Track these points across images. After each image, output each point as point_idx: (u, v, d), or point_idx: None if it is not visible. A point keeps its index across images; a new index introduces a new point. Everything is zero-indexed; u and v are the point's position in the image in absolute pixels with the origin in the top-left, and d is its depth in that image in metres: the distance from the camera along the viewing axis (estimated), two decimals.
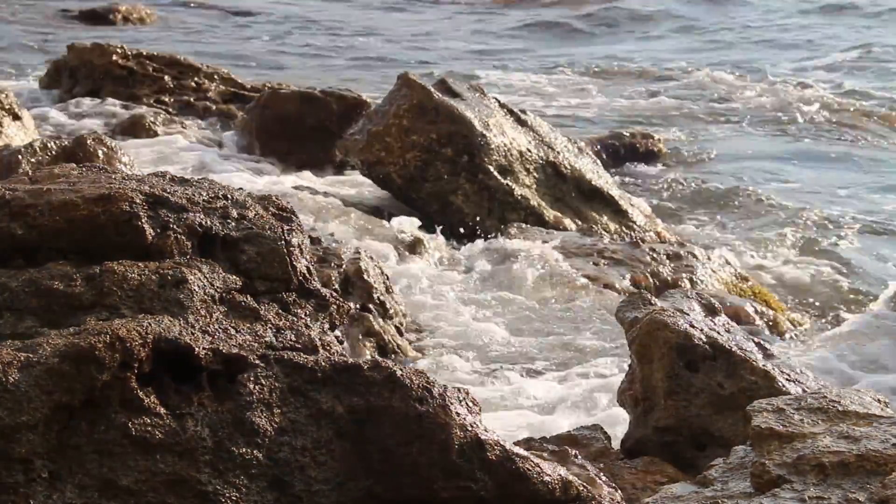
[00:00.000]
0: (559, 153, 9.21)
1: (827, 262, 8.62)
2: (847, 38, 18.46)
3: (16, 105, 8.84)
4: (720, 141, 12.17)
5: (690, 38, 19.48)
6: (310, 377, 3.42)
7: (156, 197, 3.76)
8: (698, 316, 5.03)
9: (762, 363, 4.88)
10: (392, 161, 8.75)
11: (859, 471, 3.23)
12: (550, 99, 14.47)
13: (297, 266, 3.85)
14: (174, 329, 3.37)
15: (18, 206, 3.66)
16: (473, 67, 16.14)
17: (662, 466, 4.53)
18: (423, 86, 8.90)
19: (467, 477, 3.40)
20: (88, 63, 12.15)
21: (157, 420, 3.24)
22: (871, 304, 7.62)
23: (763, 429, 3.45)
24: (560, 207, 8.89)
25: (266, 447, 3.31)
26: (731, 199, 10.25)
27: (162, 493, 3.20)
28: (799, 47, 18.16)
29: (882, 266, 8.68)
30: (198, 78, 12.55)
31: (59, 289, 3.50)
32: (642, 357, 4.84)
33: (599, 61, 17.17)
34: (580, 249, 7.92)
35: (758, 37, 19.46)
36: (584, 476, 3.63)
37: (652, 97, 14.76)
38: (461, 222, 8.59)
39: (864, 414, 3.51)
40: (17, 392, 3.10)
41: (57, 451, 3.15)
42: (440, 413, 3.41)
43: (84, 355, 3.17)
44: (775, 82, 15.60)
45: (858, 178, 11.22)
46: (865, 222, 9.71)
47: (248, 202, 3.93)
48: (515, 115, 9.36)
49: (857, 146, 12.36)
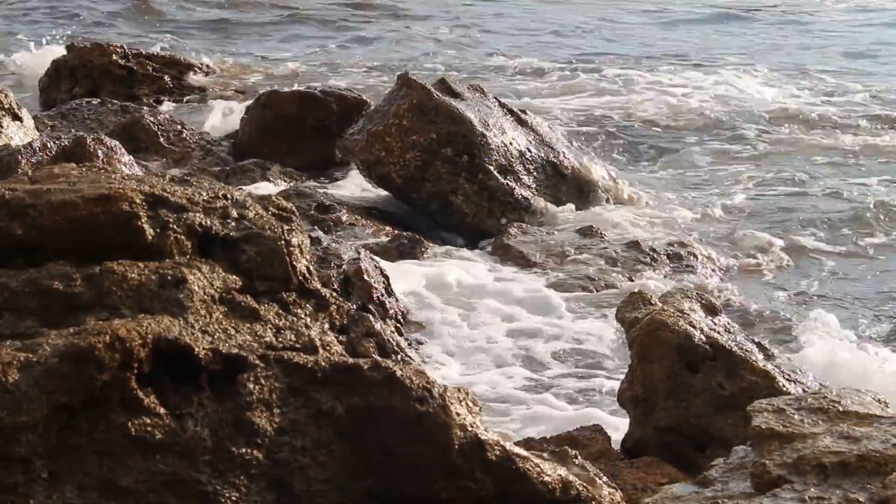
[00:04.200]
0: (559, 153, 9.21)
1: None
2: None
3: (15, 105, 8.83)
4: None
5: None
6: (310, 377, 3.42)
7: (156, 197, 3.76)
8: (698, 316, 5.04)
9: (762, 363, 4.88)
10: (392, 161, 8.74)
11: (860, 471, 3.23)
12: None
13: (297, 266, 3.85)
14: (174, 329, 3.37)
15: (18, 206, 3.66)
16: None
17: (662, 467, 4.53)
18: (423, 85, 8.90)
19: (467, 477, 3.40)
20: (88, 63, 12.15)
21: (157, 420, 3.24)
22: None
23: (763, 429, 3.45)
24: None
25: (266, 447, 3.31)
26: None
27: (162, 494, 3.19)
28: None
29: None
30: (198, 77, 12.56)
31: (59, 289, 3.50)
32: (643, 357, 4.84)
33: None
34: (580, 250, 7.92)
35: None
36: (584, 476, 3.63)
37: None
38: (461, 222, 8.59)
39: (864, 414, 3.51)
40: (17, 392, 3.10)
41: (57, 451, 3.14)
42: (440, 413, 3.41)
43: (84, 355, 3.17)
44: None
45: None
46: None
47: (248, 202, 3.93)
48: (515, 115, 9.36)
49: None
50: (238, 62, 14.54)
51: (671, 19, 18.92)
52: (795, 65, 15.46)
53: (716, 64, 15.31)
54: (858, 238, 8.90)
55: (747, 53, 16.33)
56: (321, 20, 17.85)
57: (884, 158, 11.13)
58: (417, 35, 17.09)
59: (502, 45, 16.62)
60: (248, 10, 18.42)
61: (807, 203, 9.69)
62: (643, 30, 18.04)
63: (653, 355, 4.80)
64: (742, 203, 9.66)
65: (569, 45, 16.80)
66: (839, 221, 9.19)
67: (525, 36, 17.45)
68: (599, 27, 18.13)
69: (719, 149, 11.39)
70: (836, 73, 14.98)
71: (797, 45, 17.21)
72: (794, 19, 19.31)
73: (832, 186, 10.19)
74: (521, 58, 15.42)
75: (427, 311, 6.93)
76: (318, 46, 16.20)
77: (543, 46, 16.57)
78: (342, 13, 18.23)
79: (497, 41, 16.89)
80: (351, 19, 17.90)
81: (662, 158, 11.09)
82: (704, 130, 11.95)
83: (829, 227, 9.06)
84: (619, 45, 16.74)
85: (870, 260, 8.54)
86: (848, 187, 10.16)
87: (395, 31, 17.22)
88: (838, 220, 9.23)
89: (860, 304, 7.66)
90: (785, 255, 8.41)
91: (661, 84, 13.82)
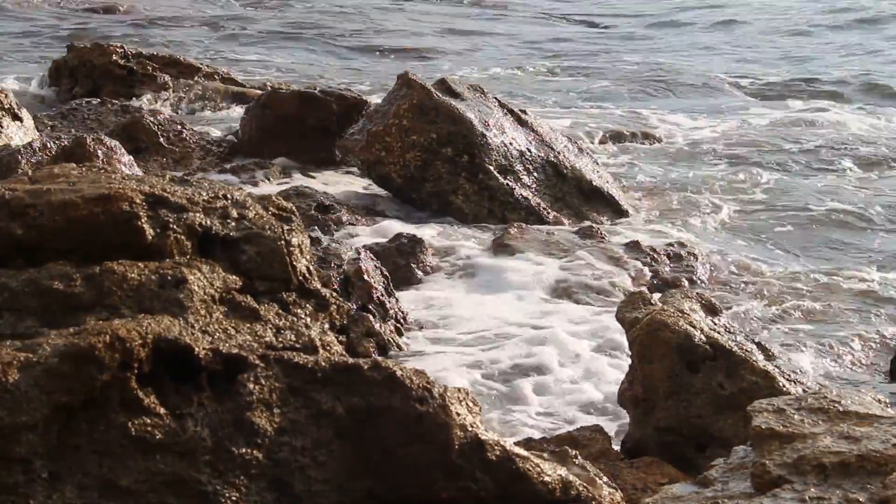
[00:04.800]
0: (559, 153, 9.21)
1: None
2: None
3: (15, 105, 8.84)
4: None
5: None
6: (310, 377, 3.42)
7: (156, 197, 3.76)
8: (699, 316, 5.04)
9: (763, 363, 4.88)
10: (392, 161, 8.75)
11: (860, 471, 3.23)
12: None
13: (297, 266, 3.85)
14: (174, 329, 3.37)
15: (18, 206, 3.66)
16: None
17: (663, 467, 4.53)
18: (423, 85, 8.91)
19: (467, 477, 3.40)
20: (88, 63, 12.15)
21: (157, 420, 3.23)
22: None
23: (763, 429, 3.45)
24: (560, 207, 8.89)
25: (266, 447, 3.31)
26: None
27: (162, 493, 3.19)
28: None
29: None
30: (198, 78, 12.56)
31: (59, 289, 3.50)
32: (643, 357, 4.84)
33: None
34: (580, 250, 7.92)
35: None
36: (584, 476, 3.63)
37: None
38: (461, 222, 8.59)
39: (864, 414, 3.51)
40: (17, 392, 3.10)
41: (57, 451, 3.14)
42: (440, 413, 3.41)
43: (84, 355, 3.17)
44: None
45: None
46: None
47: (248, 202, 3.93)
48: (515, 115, 9.36)
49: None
50: (240, 67, 14.59)
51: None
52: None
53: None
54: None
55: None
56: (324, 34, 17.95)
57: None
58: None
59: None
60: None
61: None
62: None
63: (653, 355, 4.80)
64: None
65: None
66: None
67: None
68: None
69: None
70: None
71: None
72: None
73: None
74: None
75: (428, 310, 6.93)
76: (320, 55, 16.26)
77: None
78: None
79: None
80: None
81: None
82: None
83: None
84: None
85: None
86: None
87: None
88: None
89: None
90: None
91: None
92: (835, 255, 8.69)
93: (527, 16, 22.61)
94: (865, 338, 6.89)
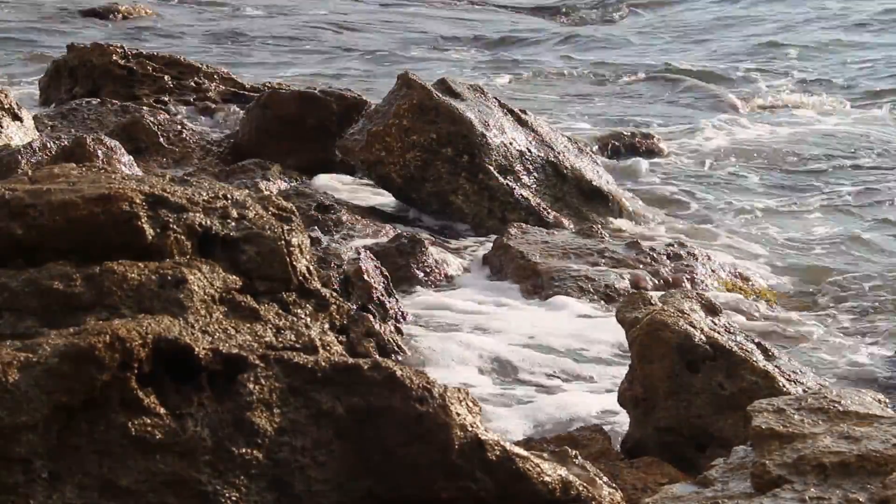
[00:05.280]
0: (559, 153, 9.21)
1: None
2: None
3: (15, 105, 8.84)
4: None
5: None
6: (310, 377, 3.42)
7: (156, 197, 3.76)
8: (699, 316, 5.04)
9: (763, 363, 4.88)
10: (392, 161, 8.75)
11: (860, 471, 3.23)
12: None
13: (297, 266, 3.85)
14: (174, 329, 3.37)
15: (18, 206, 3.66)
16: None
17: (662, 467, 4.53)
18: (423, 85, 8.90)
19: (467, 477, 3.40)
20: (88, 63, 12.15)
21: (157, 420, 3.24)
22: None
23: (763, 429, 3.45)
24: (560, 207, 8.89)
25: (266, 447, 3.31)
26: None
27: (162, 493, 3.19)
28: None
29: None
30: (198, 78, 12.55)
31: (59, 289, 3.51)
32: (643, 357, 4.84)
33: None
34: (580, 250, 7.92)
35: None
36: (584, 476, 3.63)
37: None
38: (461, 222, 8.59)
39: (864, 414, 3.51)
40: (17, 392, 3.10)
41: (57, 451, 3.14)
42: (440, 413, 3.41)
43: (84, 355, 3.17)
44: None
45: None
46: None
47: (248, 202, 3.93)
48: (515, 115, 9.36)
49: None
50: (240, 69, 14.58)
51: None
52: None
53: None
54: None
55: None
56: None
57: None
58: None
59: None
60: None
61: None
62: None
63: (653, 355, 4.80)
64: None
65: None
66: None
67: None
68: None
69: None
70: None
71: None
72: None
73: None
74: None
75: (428, 310, 6.93)
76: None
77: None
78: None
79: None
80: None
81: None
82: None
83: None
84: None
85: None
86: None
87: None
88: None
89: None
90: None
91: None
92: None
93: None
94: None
